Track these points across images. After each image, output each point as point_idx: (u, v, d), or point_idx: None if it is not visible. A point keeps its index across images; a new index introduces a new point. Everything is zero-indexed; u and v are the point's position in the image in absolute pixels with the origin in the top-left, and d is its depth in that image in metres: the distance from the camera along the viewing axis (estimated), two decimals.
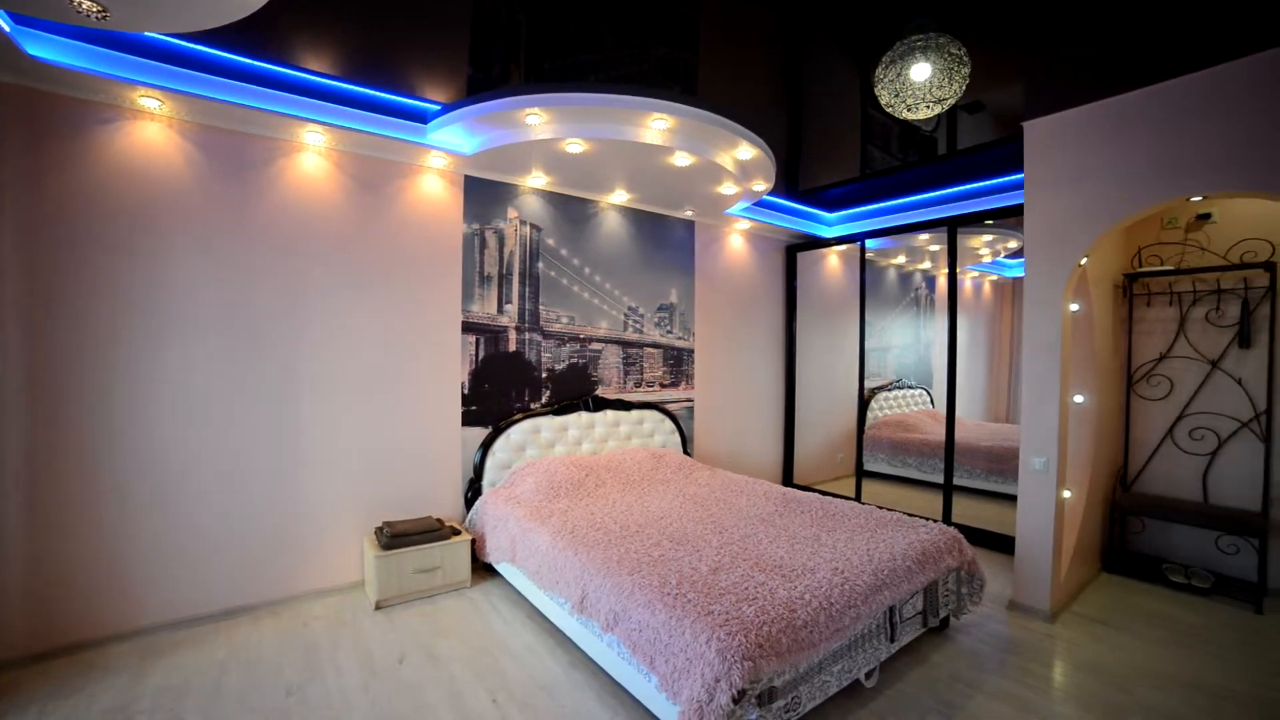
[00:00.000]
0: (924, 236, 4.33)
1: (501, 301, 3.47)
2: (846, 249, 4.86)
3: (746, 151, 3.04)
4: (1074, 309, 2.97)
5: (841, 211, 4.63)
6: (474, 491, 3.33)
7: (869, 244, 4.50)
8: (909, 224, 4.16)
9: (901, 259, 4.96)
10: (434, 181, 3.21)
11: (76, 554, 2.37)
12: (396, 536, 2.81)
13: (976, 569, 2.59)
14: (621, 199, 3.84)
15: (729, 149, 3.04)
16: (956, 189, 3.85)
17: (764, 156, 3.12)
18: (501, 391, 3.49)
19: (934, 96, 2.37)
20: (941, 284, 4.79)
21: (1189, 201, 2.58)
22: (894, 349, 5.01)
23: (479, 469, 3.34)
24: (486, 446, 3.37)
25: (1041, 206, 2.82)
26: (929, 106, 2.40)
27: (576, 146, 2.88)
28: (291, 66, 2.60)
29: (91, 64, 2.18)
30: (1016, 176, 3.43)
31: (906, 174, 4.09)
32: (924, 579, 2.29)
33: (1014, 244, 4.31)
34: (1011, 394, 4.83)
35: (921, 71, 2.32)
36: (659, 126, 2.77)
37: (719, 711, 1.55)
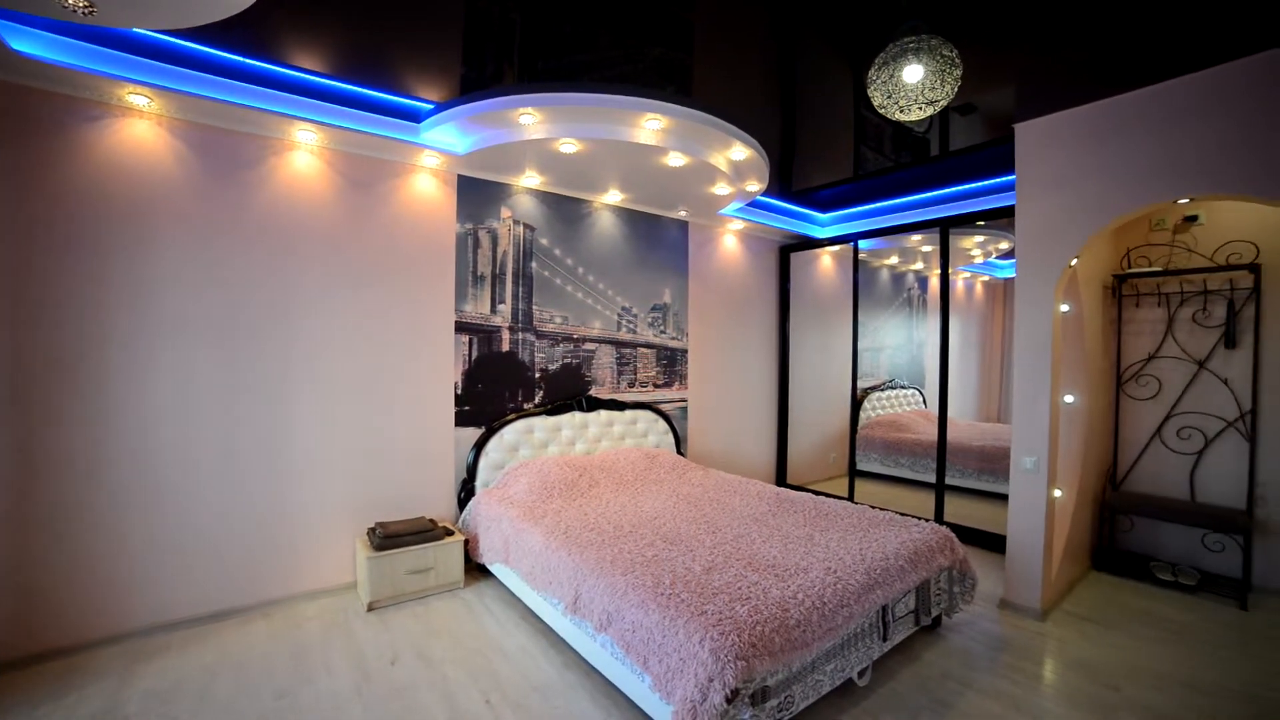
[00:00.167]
0: (916, 237, 4.35)
1: (495, 301, 3.46)
2: (840, 249, 4.88)
3: (740, 152, 3.05)
4: (1064, 310, 2.99)
5: (835, 212, 4.65)
6: (467, 492, 3.32)
7: (862, 244, 4.52)
8: (901, 225, 4.19)
9: (894, 259, 4.98)
10: (427, 181, 3.20)
11: (64, 556, 2.34)
12: (389, 537, 2.80)
13: (968, 568, 2.60)
14: (615, 199, 3.84)
15: (723, 149, 3.04)
16: (949, 190, 3.87)
17: (758, 157, 3.13)
18: (495, 392, 3.48)
19: (926, 98, 2.38)
20: (934, 284, 4.82)
21: (1176, 204, 2.61)
22: (887, 349, 5.03)
23: (472, 469, 3.33)
24: (480, 447, 3.35)
25: (1032, 208, 2.84)
26: (921, 108, 2.42)
27: (570, 146, 2.88)
28: (283, 64, 2.58)
29: (79, 60, 2.15)
30: (1008, 178, 3.45)
31: (899, 175, 4.12)
32: (916, 578, 2.30)
33: (1005, 245, 4.34)
34: (1003, 394, 4.86)
35: (914, 73, 2.33)
36: (653, 127, 2.77)
37: (712, 711, 1.55)
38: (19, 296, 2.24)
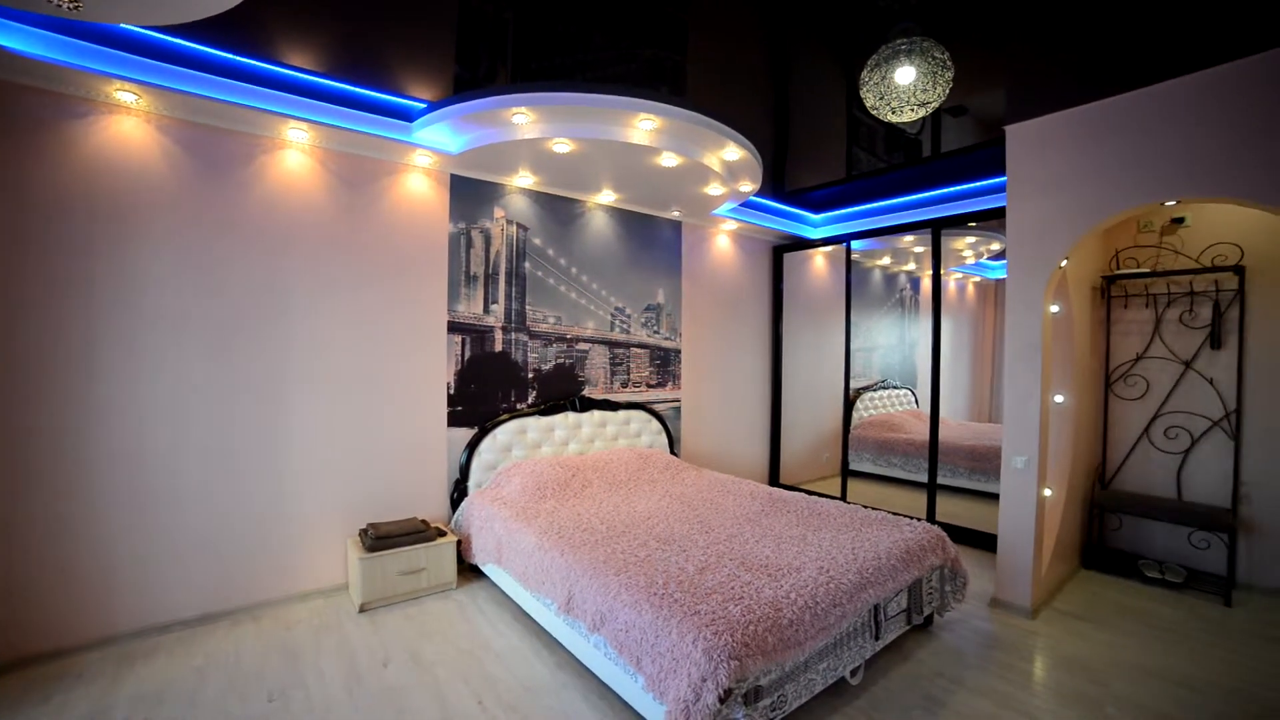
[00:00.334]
0: (908, 238, 4.38)
1: (488, 301, 3.45)
2: (832, 250, 4.90)
3: (733, 152, 3.05)
4: (1054, 310, 3.02)
5: (828, 213, 4.67)
6: (460, 493, 3.30)
7: (855, 245, 4.54)
8: (894, 225, 4.21)
9: (886, 260, 5.01)
10: (419, 180, 3.18)
11: (50, 558, 2.31)
12: (381, 538, 2.78)
13: (959, 567, 2.62)
14: (609, 199, 3.84)
15: (716, 150, 3.05)
16: (940, 191, 3.90)
17: (751, 157, 3.14)
18: (488, 392, 3.46)
19: (918, 99, 2.40)
20: (926, 285, 4.85)
21: (1164, 206, 2.64)
22: (879, 349, 5.06)
23: (465, 470, 3.32)
24: (472, 447, 3.34)
25: (1023, 209, 2.87)
26: (913, 109, 2.43)
27: (563, 146, 2.87)
28: (274, 62, 2.56)
29: (64, 55, 2.12)
30: (999, 179, 3.48)
31: (891, 176, 4.14)
32: (908, 577, 2.31)
33: (996, 246, 4.37)
34: (994, 394, 4.90)
35: (906, 75, 2.35)
36: (646, 127, 2.77)
37: (705, 711, 1.55)
38: (4, 296, 2.21)
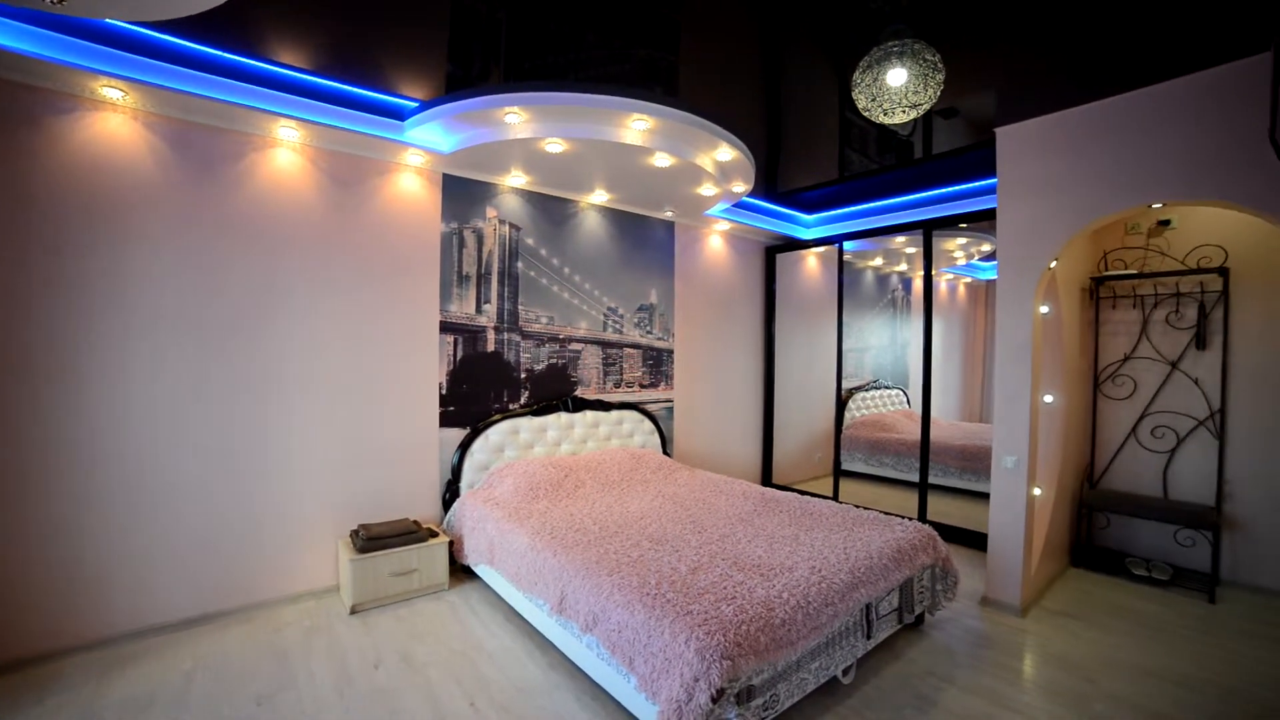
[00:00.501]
0: (900, 239, 4.41)
1: (480, 301, 3.43)
2: (825, 250, 4.92)
3: (726, 153, 3.06)
4: (1044, 311, 3.05)
5: (820, 213, 4.69)
6: (452, 493, 3.29)
7: (847, 246, 4.56)
8: (886, 226, 4.23)
9: (878, 261, 5.04)
10: (411, 179, 3.16)
11: (34, 561, 2.27)
12: (372, 539, 2.76)
13: (950, 566, 2.64)
14: (601, 199, 3.83)
15: (709, 150, 3.05)
16: (932, 193, 3.92)
17: (743, 158, 3.14)
18: (480, 392, 3.45)
19: (909, 101, 2.41)
20: (917, 286, 4.88)
21: (1150, 208, 2.67)
22: (871, 350, 5.08)
23: (457, 470, 3.30)
24: (465, 448, 3.33)
25: (1013, 211, 2.89)
26: (905, 111, 2.45)
27: (556, 146, 2.87)
28: (265, 60, 2.54)
29: (48, 50, 2.08)
30: (990, 181, 3.51)
31: (883, 177, 4.16)
32: (900, 576, 2.33)
33: (987, 247, 4.41)
34: (985, 394, 4.94)
35: (897, 77, 2.36)
36: (639, 127, 2.77)
37: (698, 711, 1.55)
38: None
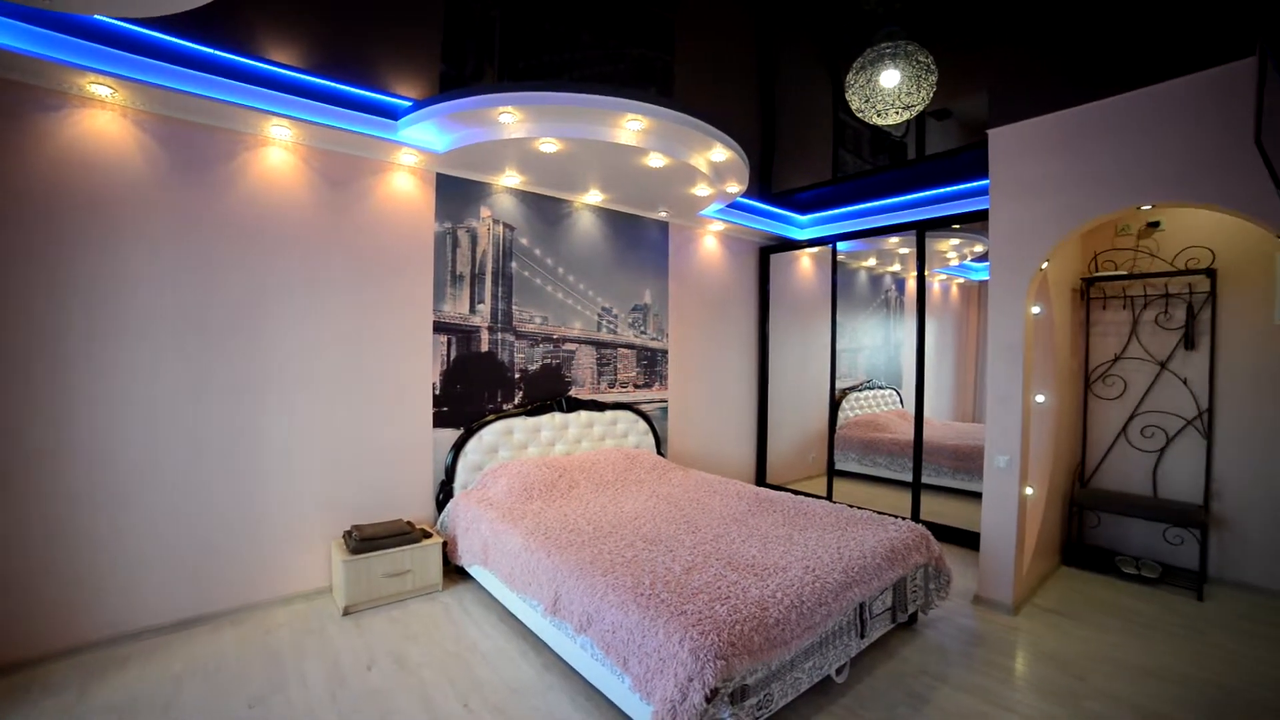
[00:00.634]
0: (894, 239, 4.43)
1: (474, 301, 3.42)
2: (818, 251, 4.94)
3: (720, 153, 3.06)
4: (1035, 312, 3.07)
5: (814, 214, 4.70)
6: (445, 494, 3.27)
7: (840, 246, 4.57)
8: (879, 227, 4.25)
9: (872, 261, 5.06)
10: (405, 179, 3.15)
11: (20, 563, 2.24)
12: (365, 540, 2.74)
13: (943, 565, 2.65)
14: (596, 199, 3.83)
15: (703, 150, 3.05)
16: (925, 194, 3.95)
17: (738, 158, 3.15)
18: (474, 392, 3.44)
19: (903, 102, 2.43)
20: (910, 286, 4.90)
21: (1140, 210, 2.69)
22: (864, 350, 5.10)
23: (450, 471, 3.29)
24: (458, 448, 3.31)
25: (1005, 212, 2.91)
26: (898, 112, 2.46)
27: (550, 146, 2.86)
28: (257, 58, 2.52)
29: (34, 46, 2.06)
30: (982, 182, 3.53)
31: (877, 178, 4.18)
32: (893, 575, 2.34)
33: (980, 248, 4.44)
34: (977, 394, 4.97)
35: (891, 78, 2.38)
36: (633, 127, 2.77)
37: (692, 711, 1.55)
38: None
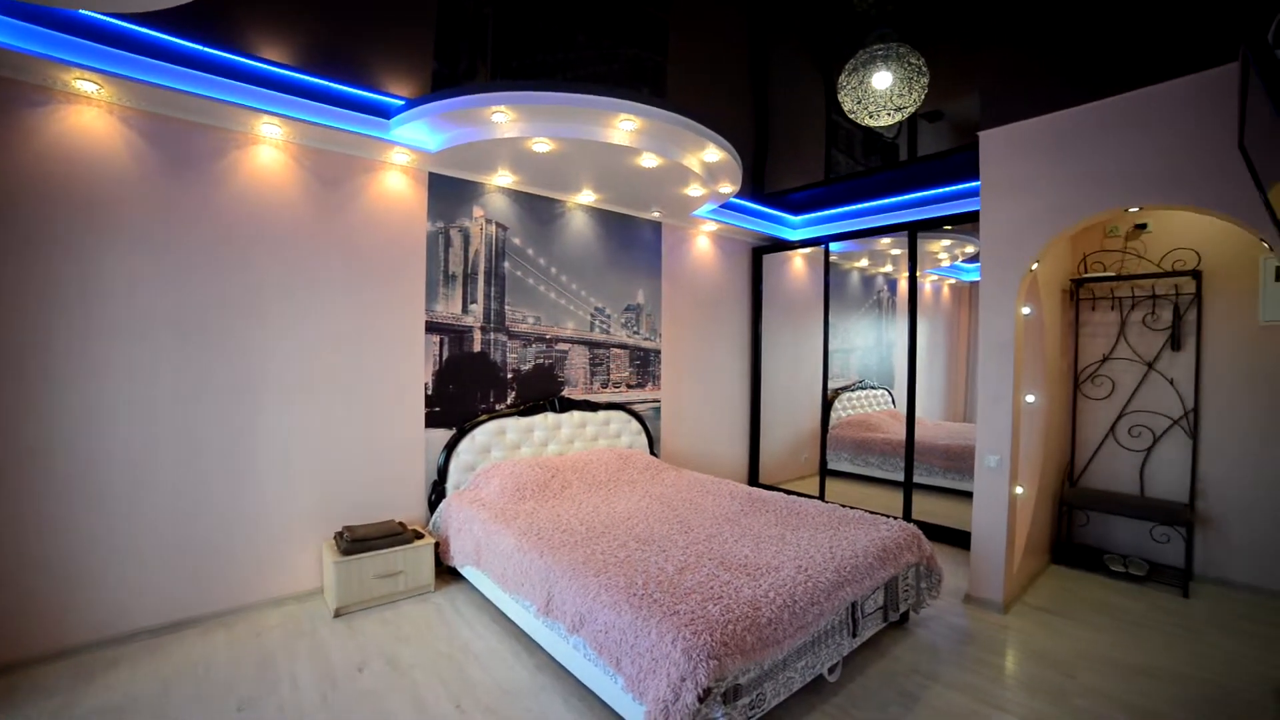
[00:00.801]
0: (886, 240, 4.45)
1: (466, 301, 3.41)
2: (811, 252, 4.96)
3: (713, 154, 3.07)
4: (1026, 312, 3.10)
5: (806, 215, 4.72)
6: (438, 494, 3.26)
7: (833, 247, 4.59)
8: (871, 228, 4.27)
9: (864, 262, 5.09)
10: (397, 178, 3.13)
11: (7, 565, 2.21)
12: (357, 541, 2.73)
13: (935, 564, 2.67)
14: (589, 199, 3.82)
15: (696, 151, 3.06)
16: (917, 195, 3.97)
17: (731, 159, 3.15)
18: (466, 392, 3.43)
19: (894, 104, 2.44)
20: (902, 287, 4.94)
21: (1127, 212, 2.72)
22: (857, 350, 5.13)
23: (443, 471, 3.27)
24: (451, 448, 3.30)
25: (996, 213, 2.93)
26: (889, 114, 2.48)
27: (543, 145, 2.86)
28: (247, 55, 2.49)
29: (17, 40, 2.03)
30: (973, 184, 3.55)
31: (869, 179, 4.20)
32: (885, 575, 2.35)
33: (971, 249, 4.47)
34: (968, 394, 5.01)
35: (883, 80, 2.39)
36: (626, 127, 2.77)
37: (684, 711, 1.56)
38: None
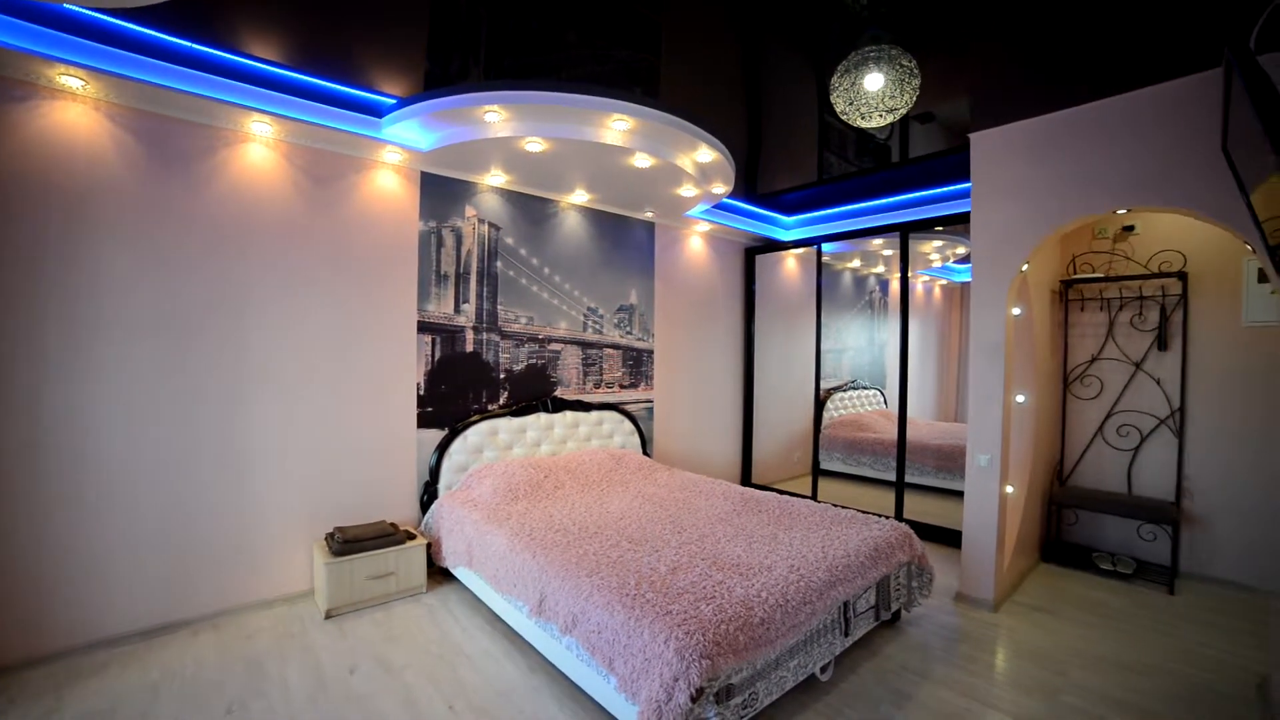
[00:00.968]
0: (878, 241, 4.48)
1: (459, 301, 3.40)
2: (804, 252, 4.98)
3: (706, 154, 3.07)
4: (1016, 313, 3.12)
5: (799, 215, 4.74)
6: (430, 495, 3.25)
7: (825, 247, 4.61)
8: (864, 229, 4.29)
9: (856, 263, 5.11)
10: (389, 177, 3.11)
11: None
12: (348, 542, 2.71)
13: (926, 563, 2.69)
14: (582, 199, 3.82)
15: (689, 151, 3.06)
16: (909, 196, 3.99)
17: (723, 159, 3.16)
18: (458, 393, 3.41)
19: (886, 105, 2.46)
20: (894, 288, 4.96)
21: (1115, 213, 2.75)
22: (849, 350, 5.15)
23: (435, 472, 3.26)
24: (443, 449, 3.29)
25: (987, 214, 2.95)
26: (881, 115, 2.49)
27: (536, 145, 2.85)
28: (237, 52, 2.47)
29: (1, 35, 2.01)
30: (964, 185, 3.58)
31: (861, 180, 4.22)
32: (876, 574, 2.36)
33: (962, 250, 4.50)
34: (959, 394, 5.04)
35: (875, 81, 2.40)
36: (619, 127, 2.77)
37: (677, 710, 1.56)
38: None
